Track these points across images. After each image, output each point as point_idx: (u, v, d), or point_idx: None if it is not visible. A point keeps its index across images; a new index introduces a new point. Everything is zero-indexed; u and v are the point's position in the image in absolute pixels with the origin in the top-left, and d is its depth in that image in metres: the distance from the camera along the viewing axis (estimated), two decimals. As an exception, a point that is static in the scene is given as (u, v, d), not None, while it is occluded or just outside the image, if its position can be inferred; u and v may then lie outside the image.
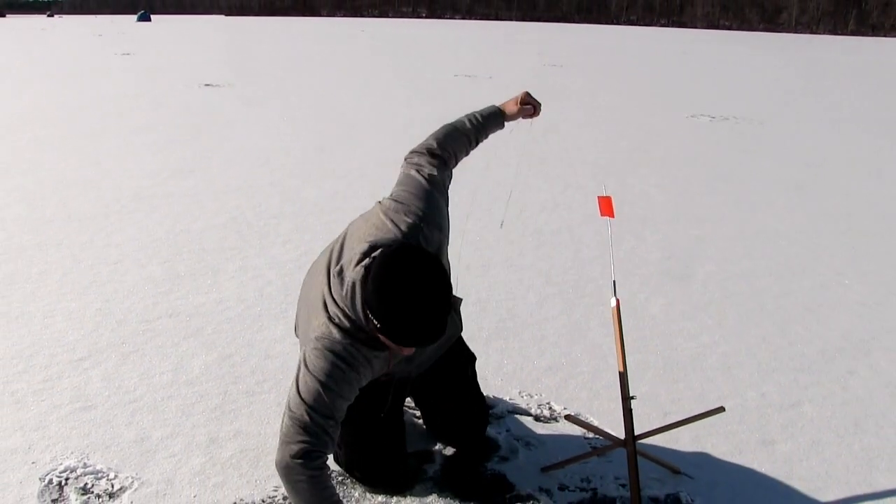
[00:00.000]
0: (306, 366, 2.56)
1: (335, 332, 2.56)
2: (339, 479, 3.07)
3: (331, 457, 2.75)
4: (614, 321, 3.12)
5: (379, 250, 2.54)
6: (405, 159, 3.05)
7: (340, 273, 2.61)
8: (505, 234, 6.22)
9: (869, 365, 4.32)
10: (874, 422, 3.70)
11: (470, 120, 3.23)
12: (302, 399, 2.52)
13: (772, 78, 25.22)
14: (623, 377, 3.02)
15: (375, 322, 2.43)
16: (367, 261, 2.54)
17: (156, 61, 25.69)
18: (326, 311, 2.60)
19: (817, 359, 4.37)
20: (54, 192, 7.42)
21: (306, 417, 2.51)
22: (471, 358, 3.31)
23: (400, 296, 2.39)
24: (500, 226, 4.31)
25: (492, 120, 3.30)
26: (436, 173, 2.94)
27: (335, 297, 2.60)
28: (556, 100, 16.14)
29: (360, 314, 2.51)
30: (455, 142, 3.12)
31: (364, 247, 2.60)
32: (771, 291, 5.39)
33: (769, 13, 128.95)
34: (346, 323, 2.56)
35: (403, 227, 2.68)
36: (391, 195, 2.89)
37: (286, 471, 2.53)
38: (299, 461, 2.49)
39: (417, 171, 2.94)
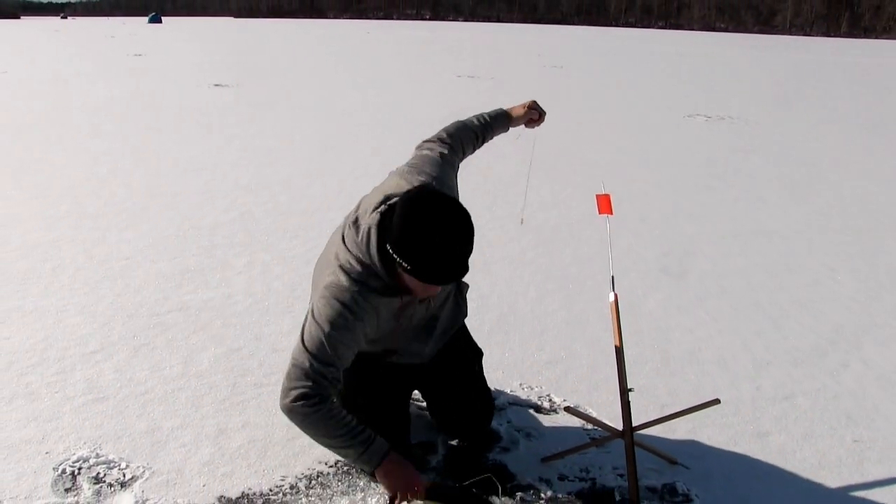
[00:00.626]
0: (313, 315, 2.58)
1: (343, 279, 2.56)
2: (345, 468, 3.07)
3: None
4: (613, 316, 3.12)
5: (396, 197, 2.57)
6: (416, 148, 3.09)
7: (356, 222, 2.63)
8: (505, 232, 6.21)
9: (860, 358, 4.31)
10: (866, 414, 3.69)
11: (478, 118, 3.29)
12: (305, 347, 2.55)
13: (766, 79, 25.19)
14: (621, 370, 3.02)
15: (400, 260, 2.43)
16: (382, 207, 2.58)
17: (167, 62, 25.71)
18: (338, 260, 2.61)
19: (810, 352, 4.36)
20: (67, 190, 7.43)
21: (307, 364, 2.54)
22: (478, 353, 3.32)
23: (427, 231, 2.40)
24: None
25: (498, 121, 3.33)
26: (447, 152, 2.99)
27: (349, 246, 2.61)
28: (555, 100, 16.14)
29: (376, 257, 2.53)
30: (463, 135, 3.16)
31: (379, 198, 2.64)
32: (765, 287, 5.38)
33: (764, 16, 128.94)
34: (358, 268, 2.57)
35: (416, 184, 2.69)
36: (404, 164, 2.94)
37: (290, 415, 2.57)
38: (299, 403, 2.53)
39: (429, 150, 3.00)
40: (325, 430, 2.57)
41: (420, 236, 2.40)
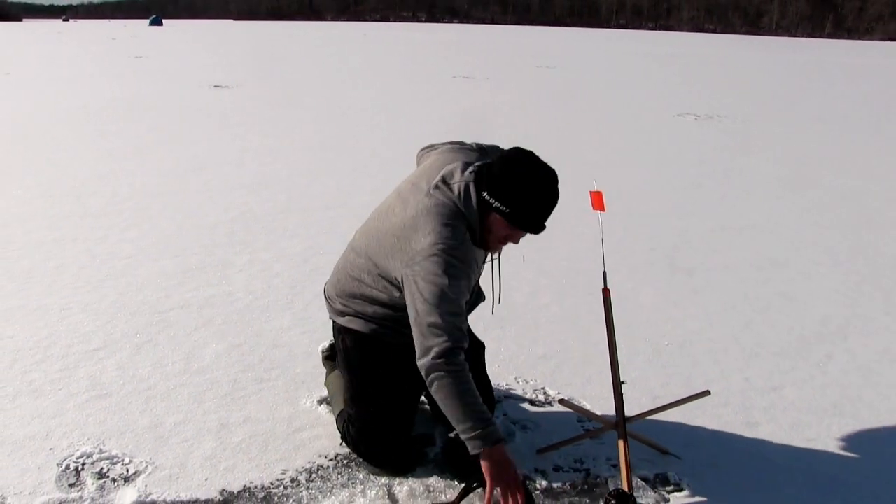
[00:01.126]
0: (424, 279, 2.64)
1: (447, 234, 2.67)
2: (345, 462, 3.06)
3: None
4: (605, 310, 3.11)
5: (473, 164, 2.81)
6: (425, 149, 3.24)
7: (444, 182, 2.78)
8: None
9: (846, 349, 4.32)
10: (851, 404, 3.69)
11: None
12: (432, 304, 2.61)
13: (754, 79, 25.23)
14: (614, 363, 3.02)
15: (498, 204, 2.66)
16: (472, 167, 2.79)
17: (168, 64, 25.66)
18: (432, 221, 2.69)
19: (797, 344, 4.37)
20: (70, 190, 7.40)
21: (439, 320, 2.60)
22: (481, 345, 3.32)
23: (527, 180, 2.68)
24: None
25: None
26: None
27: (439, 206, 2.72)
28: (549, 100, 16.14)
29: (475, 206, 2.71)
30: None
31: (458, 164, 2.82)
32: (753, 281, 5.39)
33: (751, 17, 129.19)
34: (457, 222, 2.70)
35: (473, 157, 2.94)
36: (434, 152, 3.10)
37: (430, 372, 2.62)
38: (441, 360, 2.59)
39: (448, 144, 3.12)
40: (459, 391, 2.61)
41: (521, 184, 2.66)
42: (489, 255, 3.01)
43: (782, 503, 2.91)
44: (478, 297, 3.28)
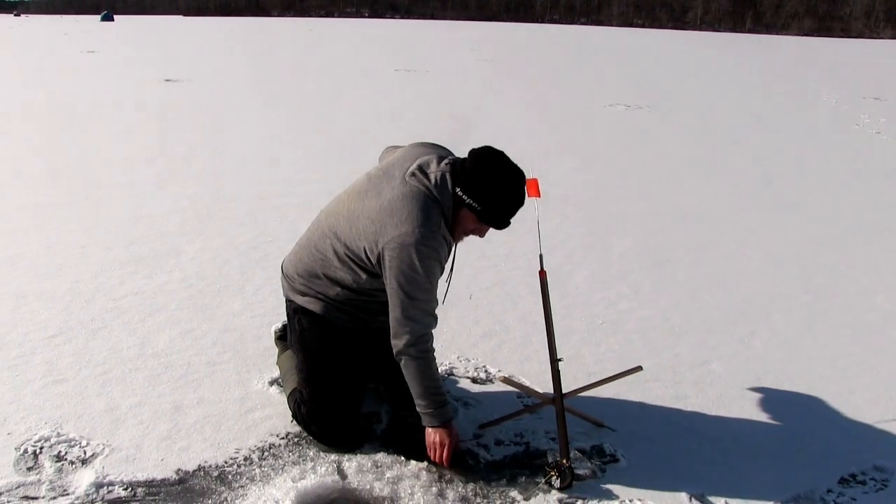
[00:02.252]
0: (402, 265, 2.71)
1: (424, 222, 2.71)
2: (296, 440, 3.05)
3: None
4: (542, 291, 3.13)
5: (447, 158, 2.89)
6: (387, 150, 3.24)
7: (420, 171, 2.81)
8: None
9: (769, 326, 4.40)
10: (774, 377, 3.77)
11: None
12: (407, 292, 2.73)
13: (679, 71, 25.53)
14: (551, 341, 3.03)
15: (470, 201, 2.76)
16: (446, 160, 2.86)
17: (119, 58, 25.10)
18: (409, 207, 2.73)
19: (723, 322, 4.44)
20: (24, 183, 7.22)
21: (415, 308, 2.75)
22: None
23: (498, 180, 2.77)
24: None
25: None
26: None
27: (416, 193, 2.76)
28: (486, 92, 16.14)
29: (449, 198, 2.78)
30: None
31: (433, 157, 2.87)
32: (682, 262, 5.46)
33: (677, 13, 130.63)
34: (435, 211, 2.75)
35: (447, 151, 3.03)
36: (406, 146, 3.08)
37: (401, 354, 2.79)
38: (412, 347, 2.75)
39: (416, 144, 3.09)
40: (423, 374, 2.79)
41: (492, 183, 2.76)
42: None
43: (711, 471, 2.97)
44: None
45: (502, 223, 2.89)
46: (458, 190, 2.77)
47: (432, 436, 2.84)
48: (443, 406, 2.82)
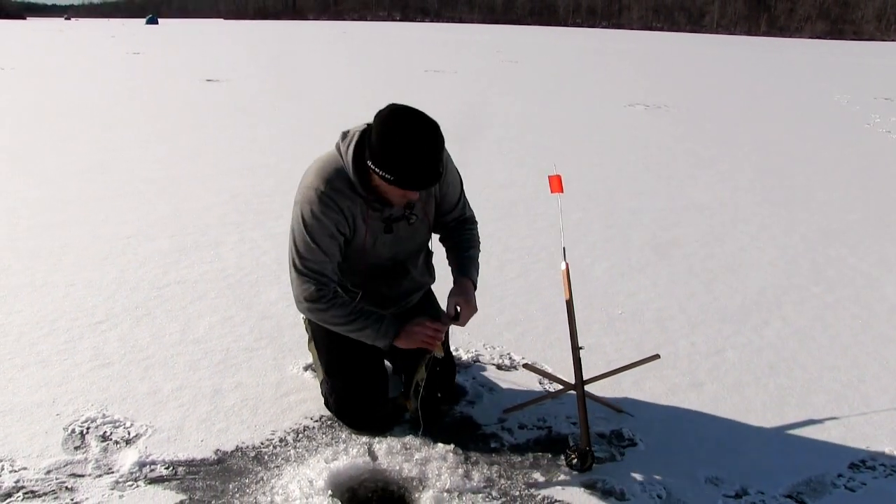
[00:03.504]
0: (294, 223, 2.66)
1: (321, 180, 2.63)
2: (329, 422, 3.05)
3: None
4: (564, 282, 3.10)
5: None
6: None
7: (342, 136, 2.70)
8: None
9: (781, 316, 4.35)
10: (786, 365, 3.72)
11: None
12: (295, 251, 2.66)
13: (697, 72, 25.31)
14: (572, 330, 3.01)
15: (382, 173, 2.48)
16: (367, 123, 2.64)
17: (163, 59, 25.28)
18: (315, 167, 2.70)
19: (737, 312, 4.39)
20: (73, 177, 7.28)
21: (300, 264, 2.65)
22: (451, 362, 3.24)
23: (402, 143, 2.44)
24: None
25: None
26: None
27: (327, 155, 2.71)
28: (512, 92, 16.09)
29: (354, 166, 2.59)
30: None
31: (364, 124, 2.67)
32: (697, 255, 5.41)
33: (694, 16, 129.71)
34: (337, 172, 2.64)
35: None
36: None
37: (306, 313, 2.72)
38: (311, 303, 2.65)
39: None
40: (341, 320, 2.66)
41: (398, 150, 2.45)
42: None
43: (725, 455, 2.94)
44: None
45: (420, 185, 2.55)
46: (368, 162, 2.53)
47: (409, 342, 2.68)
48: (380, 324, 2.67)
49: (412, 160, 2.46)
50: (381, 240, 2.80)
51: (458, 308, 2.83)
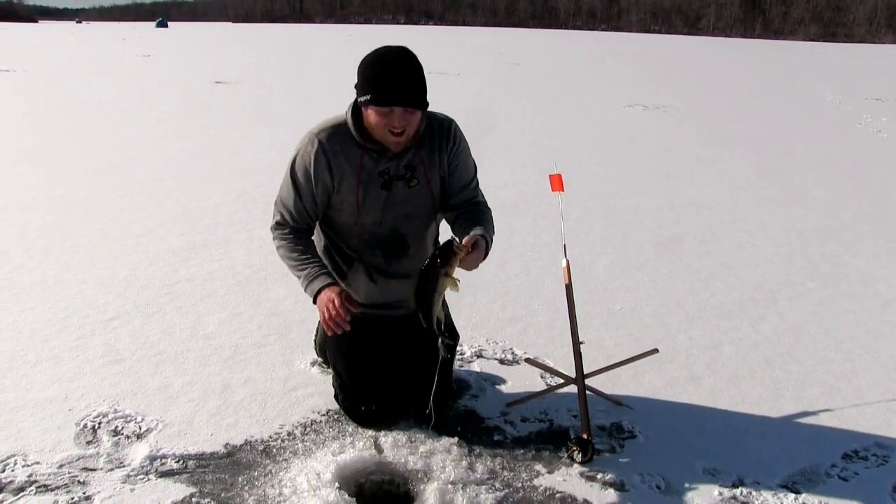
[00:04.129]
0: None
1: (312, 127, 2.89)
2: (336, 416, 3.04)
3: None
4: (565, 279, 3.10)
5: None
6: None
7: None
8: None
9: (776, 312, 4.35)
10: (781, 359, 3.72)
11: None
12: (279, 191, 2.95)
13: (694, 73, 25.28)
14: (573, 325, 3.00)
15: (361, 98, 2.66)
16: None
17: (173, 62, 25.28)
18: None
19: (734, 307, 4.39)
20: (84, 176, 7.28)
21: (277, 199, 2.94)
22: (454, 335, 3.19)
23: (374, 61, 2.63)
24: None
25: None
26: None
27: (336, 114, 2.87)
28: (513, 93, 16.07)
29: (349, 113, 2.78)
30: None
31: None
32: (695, 252, 5.40)
33: (691, 20, 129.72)
34: (331, 120, 2.87)
35: None
36: None
37: (273, 236, 2.92)
38: (273, 230, 2.91)
39: None
40: (285, 258, 2.85)
41: (370, 68, 2.63)
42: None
43: (722, 446, 2.93)
44: None
45: (393, 96, 2.60)
46: (358, 100, 2.71)
47: (319, 310, 2.68)
48: (310, 280, 2.72)
49: (384, 73, 2.60)
50: (373, 194, 2.80)
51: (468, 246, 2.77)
